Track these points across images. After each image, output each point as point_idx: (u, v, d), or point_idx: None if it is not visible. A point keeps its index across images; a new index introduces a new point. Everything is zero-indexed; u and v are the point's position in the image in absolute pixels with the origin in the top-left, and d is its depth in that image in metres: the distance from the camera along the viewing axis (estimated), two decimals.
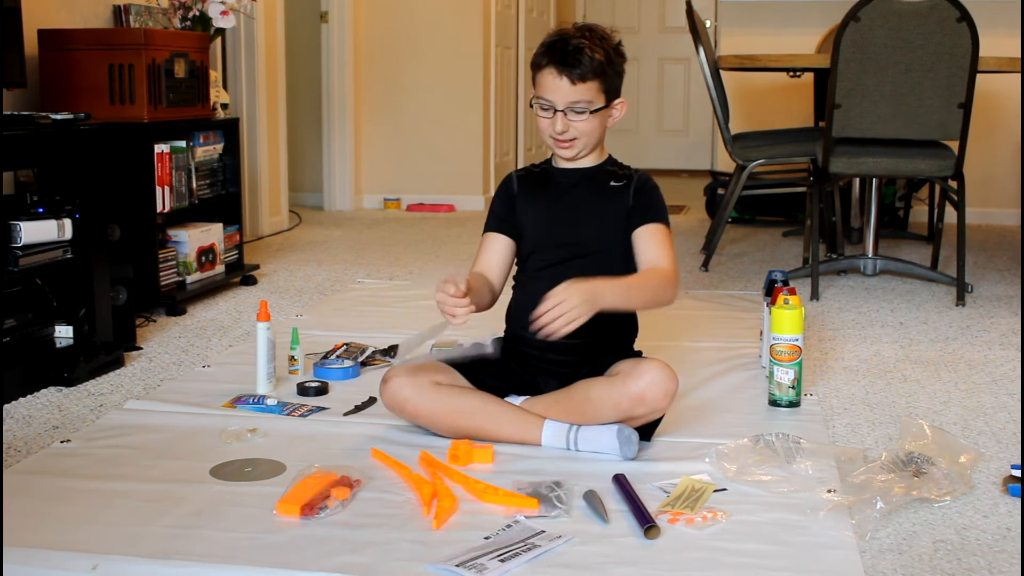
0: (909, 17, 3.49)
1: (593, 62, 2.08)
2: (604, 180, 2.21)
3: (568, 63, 2.07)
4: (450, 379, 2.15)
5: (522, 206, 2.24)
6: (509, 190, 2.27)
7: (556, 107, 2.10)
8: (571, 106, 2.09)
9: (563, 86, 2.08)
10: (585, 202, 2.20)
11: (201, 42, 3.57)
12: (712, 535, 1.71)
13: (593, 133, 2.14)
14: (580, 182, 2.21)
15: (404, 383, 2.11)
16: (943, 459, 1.98)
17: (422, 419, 2.13)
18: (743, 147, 4.21)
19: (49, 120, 2.74)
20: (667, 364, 2.06)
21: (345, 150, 5.89)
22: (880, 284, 3.89)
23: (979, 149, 5.02)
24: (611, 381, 2.06)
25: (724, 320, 3.28)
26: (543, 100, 2.12)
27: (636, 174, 2.21)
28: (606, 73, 2.10)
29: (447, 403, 2.10)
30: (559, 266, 2.16)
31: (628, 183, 2.19)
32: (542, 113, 2.13)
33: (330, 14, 5.71)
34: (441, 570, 1.57)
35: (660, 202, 2.21)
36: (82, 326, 2.75)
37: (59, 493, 1.86)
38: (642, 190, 2.19)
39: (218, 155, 3.74)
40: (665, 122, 8.25)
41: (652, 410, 2.04)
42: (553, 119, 2.11)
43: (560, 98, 2.09)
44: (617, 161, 2.26)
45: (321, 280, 3.93)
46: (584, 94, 2.09)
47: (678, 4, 7.89)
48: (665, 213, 2.21)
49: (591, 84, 2.09)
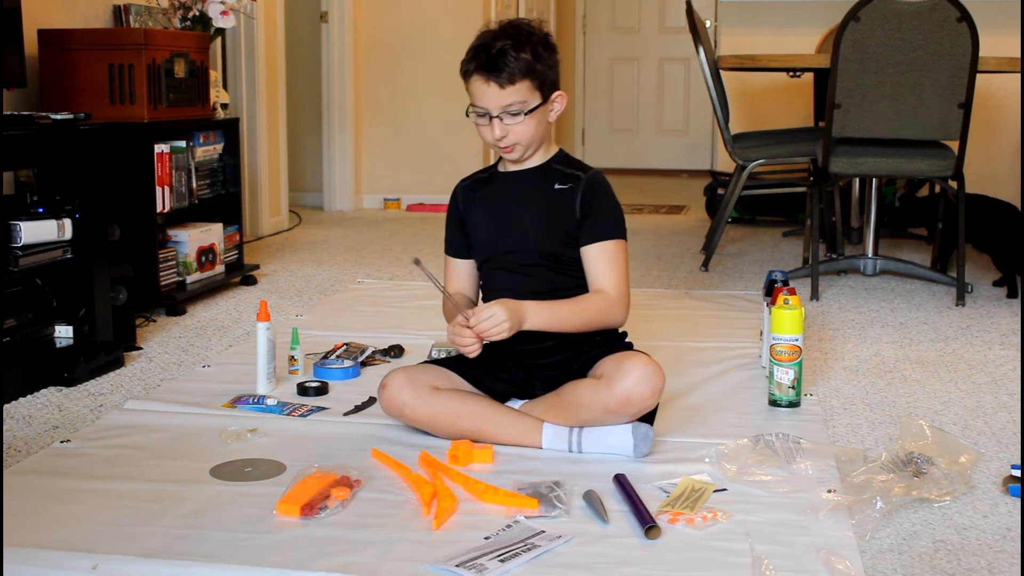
0: (909, 17, 3.49)
1: (519, 62, 2.03)
2: (549, 181, 2.15)
3: (494, 68, 2.03)
4: (449, 383, 2.14)
5: (470, 220, 2.22)
6: (455, 208, 2.26)
7: (490, 113, 2.06)
8: (505, 110, 2.05)
9: (492, 92, 2.05)
10: (529, 205, 2.15)
11: (201, 42, 3.57)
12: (712, 535, 1.71)
13: (533, 133, 2.10)
14: (524, 185, 2.17)
15: (402, 387, 2.10)
16: (943, 459, 1.98)
17: (420, 423, 2.13)
18: (743, 147, 4.21)
19: (49, 120, 2.74)
20: (651, 359, 2.04)
21: (345, 150, 5.89)
22: (880, 284, 3.89)
23: (979, 149, 5.02)
24: (597, 384, 2.04)
25: (724, 320, 3.28)
26: (477, 108, 2.08)
27: (584, 177, 2.14)
28: (535, 70, 2.05)
29: (446, 407, 2.09)
30: (511, 274, 2.15)
31: (575, 187, 2.13)
32: (479, 121, 2.09)
33: (330, 14, 5.72)
34: (441, 570, 1.57)
35: (611, 210, 2.14)
36: (82, 326, 2.75)
37: (59, 493, 1.86)
38: (590, 195, 2.12)
39: (218, 155, 3.74)
40: (665, 122, 8.25)
41: (641, 409, 2.03)
42: (490, 126, 2.07)
43: (492, 104, 2.06)
44: (567, 157, 2.20)
45: (321, 280, 3.93)
46: (515, 96, 2.05)
47: (678, 4, 7.89)
48: (616, 224, 2.14)
49: (521, 85, 2.04)
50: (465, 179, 2.28)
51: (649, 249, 4.64)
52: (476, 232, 2.22)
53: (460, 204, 2.25)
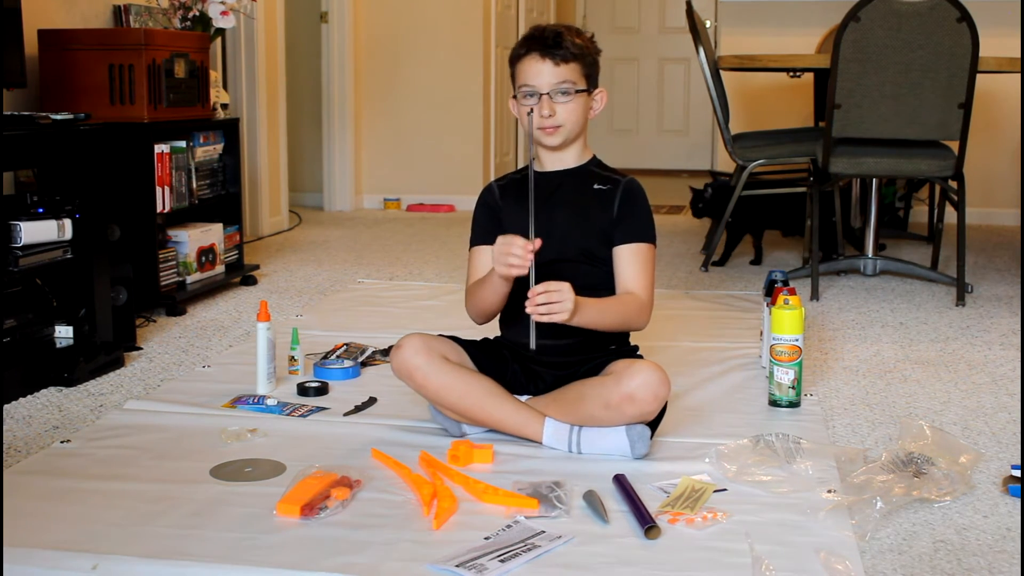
0: (909, 17, 3.49)
1: (574, 44, 2.14)
2: (587, 182, 2.20)
3: (550, 46, 2.12)
4: (459, 359, 2.15)
5: (506, 214, 2.24)
6: (492, 200, 2.27)
7: (540, 91, 2.13)
8: (556, 87, 2.12)
9: (547, 69, 2.12)
10: (567, 205, 2.18)
11: (201, 42, 3.57)
12: (712, 535, 1.71)
13: (577, 120, 2.16)
14: (562, 184, 2.20)
15: (418, 351, 2.10)
16: (943, 459, 1.98)
17: (429, 391, 2.12)
18: (743, 147, 4.20)
19: (49, 120, 2.74)
20: (661, 368, 2.04)
21: (345, 150, 5.89)
22: (880, 284, 3.89)
23: (979, 149, 5.02)
24: (603, 380, 2.06)
25: (724, 320, 3.28)
26: (527, 87, 2.14)
27: (623, 180, 2.20)
28: (586, 57, 2.15)
29: (456, 382, 2.09)
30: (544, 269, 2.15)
31: (613, 188, 2.18)
32: (527, 101, 2.15)
33: (330, 14, 5.71)
34: (441, 570, 1.57)
35: (646, 216, 2.19)
36: (82, 326, 2.75)
37: (59, 493, 1.86)
38: (627, 200, 2.17)
39: (218, 155, 3.74)
40: (665, 122, 8.25)
41: (641, 411, 2.02)
42: (540, 103, 2.13)
43: (544, 81, 2.12)
44: (602, 163, 2.26)
45: (321, 280, 3.93)
46: (568, 74, 2.13)
47: (678, 4, 7.89)
48: (650, 229, 2.19)
49: (573, 66, 2.13)
50: (499, 178, 2.33)
51: None
52: (512, 230, 2.22)
53: (497, 196, 2.27)
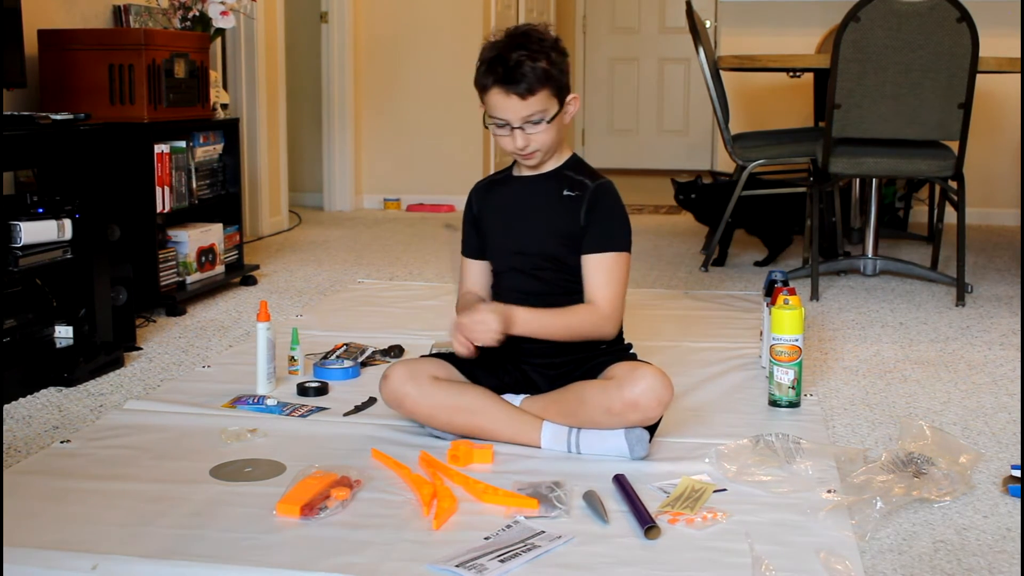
0: (909, 17, 3.49)
1: (537, 72, 2.01)
2: (559, 186, 2.16)
3: (513, 80, 2.01)
4: (447, 374, 2.15)
5: (484, 222, 2.25)
6: (470, 210, 2.29)
7: (511, 124, 2.06)
8: (526, 120, 2.05)
9: (513, 103, 2.03)
10: (538, 211, 2.16)
11: (201, 42, 3.57)
12: (712, 535, 1.71)
13: (553, 138, 2.10)
14: (535, 188, 2.18)
15: (404, 379, 2.10)
16: (943, 459, 1.98)
17: (420, 415, 2.13)
18: (743, 147, 4.20)
19: (49, 120, 2.74)
20: (663, 372, 2.03)
21: (345, 150, 5.89)
22: (880, 284, 3.89)
23: (979, 149, 5.02)
24: (605, 385, 2.04)
25: (724, 320, 3.28)
26: (497, 119, 2.07)
27: (591, 186, 2.13)
28: (552, 78, 2.04)
29: (446, 400, 2.10)
30: (521, 275, 2.17)
31: (581, 195, 2.13)
32: (499, 131, 2.09)
33: (330, 14, 5.71)
34: (441, 570, 1.57)
35: (616, 222, 2.14)
36: (82, 326, 2.75)
37: (59, 493, 1.86)
38: (593, 208, 2.12)
39: (218, 155, 3.74)
40: (665, 122, 8.25)
41: (645, 417, 2.02)
42: (512, 136, 2.07)
43: (513, 116, 2.05)
44: (579, 163, 2.20)
45: (321, 280, 3.93)
46: (536, 106, 2.04)
47: (678, 4, 7.88)
48: (619, 237, 2.13)
49: (540, 95, 2.03)
50: (481, 181, 2.32)
51: (649, 249, 4.64)
52: (489, 233, 2.24)
53: (475, 206, 2.28)
